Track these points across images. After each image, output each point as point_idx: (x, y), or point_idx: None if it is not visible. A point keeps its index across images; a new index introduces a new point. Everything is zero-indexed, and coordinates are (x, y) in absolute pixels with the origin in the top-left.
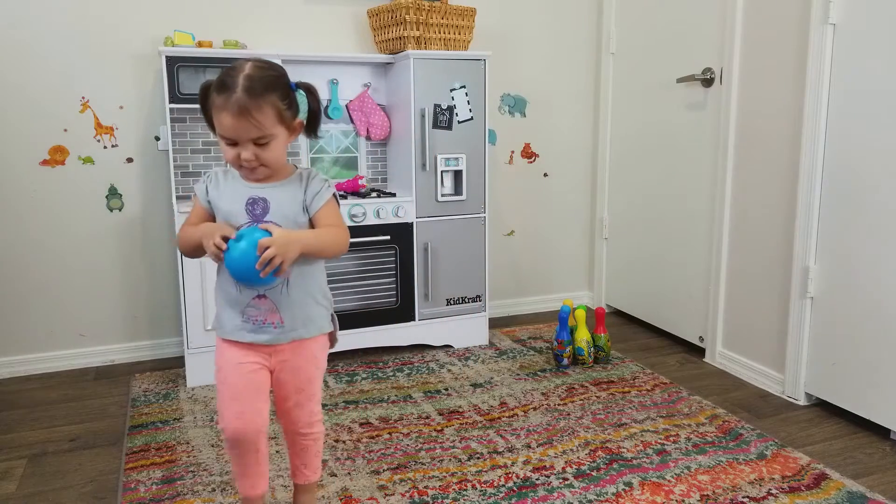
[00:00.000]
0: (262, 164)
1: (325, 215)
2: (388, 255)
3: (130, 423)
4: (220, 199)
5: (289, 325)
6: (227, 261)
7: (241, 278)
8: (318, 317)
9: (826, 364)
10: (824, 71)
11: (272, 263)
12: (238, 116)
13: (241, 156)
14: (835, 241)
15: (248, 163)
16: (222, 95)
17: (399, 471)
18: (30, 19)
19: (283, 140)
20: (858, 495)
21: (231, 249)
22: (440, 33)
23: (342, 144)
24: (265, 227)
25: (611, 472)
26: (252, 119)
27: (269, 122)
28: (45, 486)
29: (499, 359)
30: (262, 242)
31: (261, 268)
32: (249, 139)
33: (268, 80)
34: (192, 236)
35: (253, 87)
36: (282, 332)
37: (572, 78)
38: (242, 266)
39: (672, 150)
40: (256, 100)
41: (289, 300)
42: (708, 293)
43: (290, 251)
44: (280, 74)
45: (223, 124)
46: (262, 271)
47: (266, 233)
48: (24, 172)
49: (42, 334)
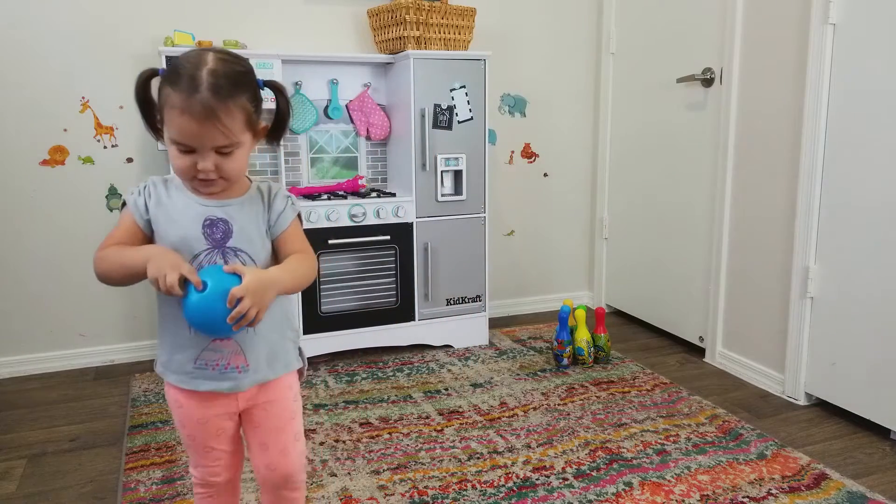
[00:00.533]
0: (221, 176)
1: (291, 239)
2: (388, 255)
3: (130, 423)
4: (166, 217)
5: (253, 366)
6: (186, 309)
7: (203, 329)
8: (283, 352)
9: (826, 364)
10: (824, 71)
11: (247, 317)
12: (202, 120)
13: (197, 166)
14: (835, 241)
15: (206, 175)
16: (181, 94)
17: (399, 471)
18: (30, 19)
19: (248, 148)
20: (858, 495)
21: (192, 297)
22: (440, 33)
23: (342, 144)
24: (232, 268)
25: (611, 473)
26: (219, 124)
27: (238, 127)
28: (45, 486)
29: (499, 359)
30: (235, 293)
31: (232, 322)
32: (212, 147)
33: (236, 78)
34: (124, 261)
35: (220, 85)
36: (245, 375)
37: (572, 78)
38: (207, 318)
39: (672, 150)
40: (224, 101)
41: (255, 339)
42: (708, 293)
43: (266, 298)
44: (248, 70)
45: (182, 129)
46: (233, 325)
47: (234, 277)
48: (23, 172)
49: (42, 334)
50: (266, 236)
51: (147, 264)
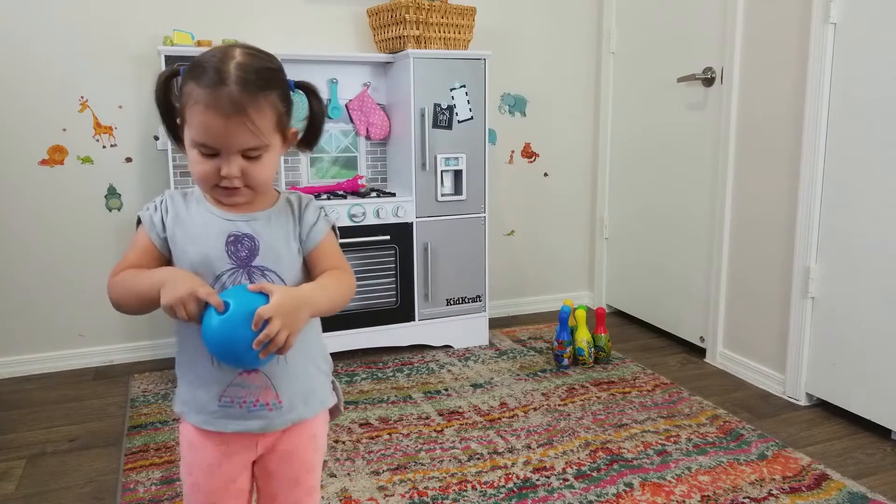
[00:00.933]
0: (247, 184)
1: (326, 254)
2: (388, 255)
3: (129, 424)
4: (185, 234)
5: (287, 404)
6: (206, 335)
7: (226, 358)
8: (319, 388)
9: (827, 364)
10: (825, 70)
11: (275, 341)
12: (229, 117)
13: (221, 171)
14: (836, 240)
15: (231, 182)
16: (206, 88)
17: (399, 471)
18: (30, 19)
19: (277, 154)
20: (859, 496)
21: (212, 321)
22: (440, 32)
23: (342, 144)
24: (258, 287)
25: (611, 473)
26: (248, 121)
27: (268, 127)
28: (44, 487)
29: (499, 359)
30: (262, 313)
31: (259, 347)
32: (239, 149)
33: (267, 74)
34: (137, 287)
35: (250, 79)
36: (278, 414)
37: (573, 77)
38: (230, 344)
39: (673, 150)
40: (255, 97)
41: (288, 372)
42: (709, 293)
43: (298, 320)
44: (279, 67)
45: (205, 127)
46: (260, 351)
47: (261, 296)
48: (23, 172)
49: (41, 334)
50: (297, 253)
51: (160, 290)
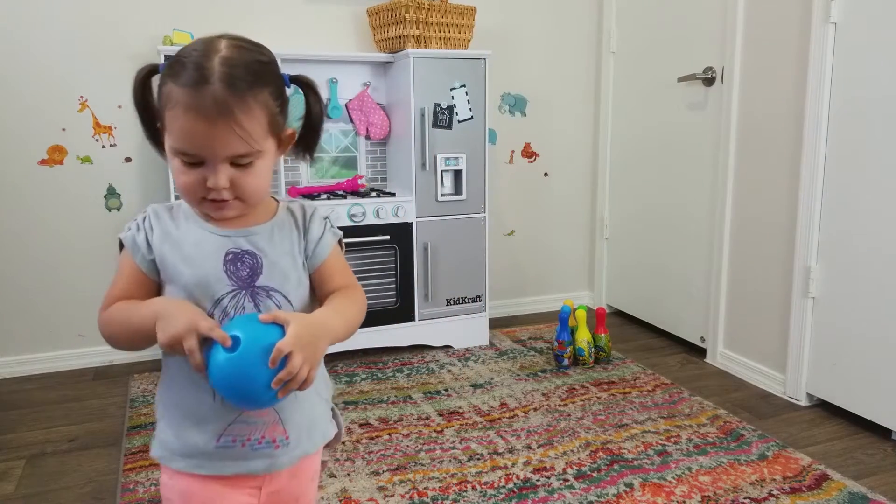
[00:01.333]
0: (237, 196)
1: (333, 271)
2: (388, 255)
3: (129, 424)
4: (177, 255)
5: (294, 439)
6: (213, 375)
7: (239, 401)
8: (320, 418)
9: (827, 364)
10: (826, 70)
11: (296, 379)
12: (213, 120)
13: (207, 182)
14: (836, 240)
15: (218, 194)
16: (186, 87)
17: (399, 472)
18: (30, 19)
19: (271, 160)
20: (860, 496)
21: (219, 358)
22: (440, 32)
23: (341, 144)
24: (271, 316)
25: (611, 473)
26: (235, 125)
27: (259, 130)
28: (44, 487)
29: (499, 359)
30: (282, 347)
31: (279, 386)
32: (227, 157)
33: (256, 68)
34: (131, 323)
35: (236, 75)
36: (284, 451)
37: (573, 77)
38: (245, 385)
39: (673, 149)
40: (243, 96)
41: (296, 404)
42: (709, 293)
43: (318, 352)
44: (271, 60)
45: (187, 132)
46: (279, 390)
47: (274, 327)
48: (22, 172)
49: (41, 334)
50: (303, 270)
51: (156, 326)
